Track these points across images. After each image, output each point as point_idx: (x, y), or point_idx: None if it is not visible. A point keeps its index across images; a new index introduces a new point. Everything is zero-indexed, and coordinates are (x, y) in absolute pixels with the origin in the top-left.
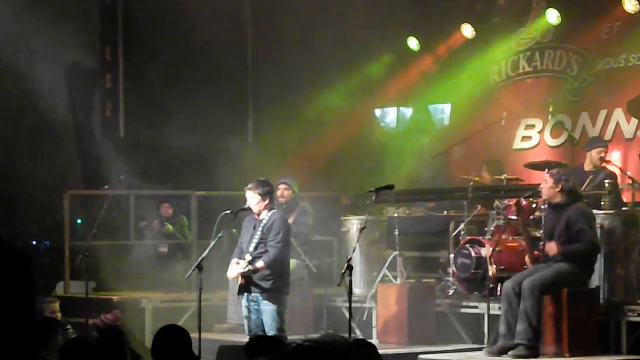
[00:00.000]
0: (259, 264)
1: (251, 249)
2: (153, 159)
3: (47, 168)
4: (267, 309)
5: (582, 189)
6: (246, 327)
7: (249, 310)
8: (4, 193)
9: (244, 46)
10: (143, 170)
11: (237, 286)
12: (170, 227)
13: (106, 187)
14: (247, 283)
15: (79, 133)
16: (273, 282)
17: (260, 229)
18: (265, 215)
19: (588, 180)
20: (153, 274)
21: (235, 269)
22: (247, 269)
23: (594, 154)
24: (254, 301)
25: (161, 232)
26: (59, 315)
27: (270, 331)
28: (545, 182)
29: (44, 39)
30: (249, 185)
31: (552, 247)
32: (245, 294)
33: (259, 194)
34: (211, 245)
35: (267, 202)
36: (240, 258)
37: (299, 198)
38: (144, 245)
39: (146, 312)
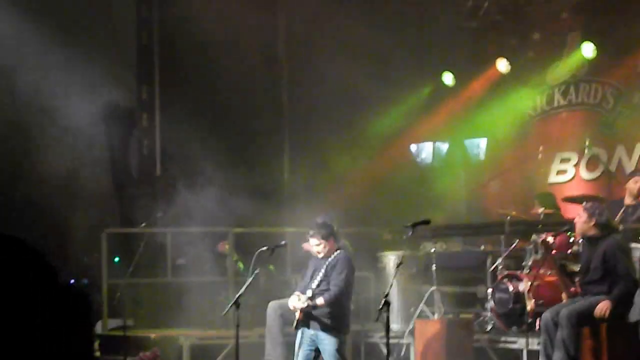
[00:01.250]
0: (320, 301)
1: (314, 285)
2: (189, 196)
3: (85, 207)
4: (328, 348)
5: (618, 221)
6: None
7: (300, 346)
8: (44, 233)
9: (279, 84)
10: (180, 208)
11: (295, 320)
12: (241, 265)
13: (143, 225)
14: (306, 318)
15: (117, 172)
16: (333, 320)
17: (325, 266)
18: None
19: (622, 212)
20: (191, 311)
21: (296, 302)
22: (306, 304)
23: (631, 184)
24: (311, 338)
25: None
26: (99, 354)
27: None
28: (580, 217)
29: (82, 78)
30: (311, 233)
31: (602, 308)
32: (303, 328)
33: (323, 238)
34: (248, 282)
35: (332, 243)
36: (302, 293)
37: (340, 235)
38: (181, 282)
39: (184, 349)
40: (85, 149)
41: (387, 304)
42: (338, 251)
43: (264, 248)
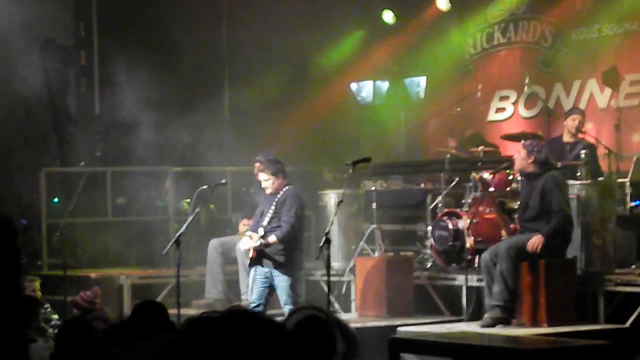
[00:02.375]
0: (272, 238)
1: (265, 223)
2: (128, 135)
3: (22, 147)
4: (282, 285)
5: (561, 160)
6: (249, 297)
7: (254, 282)
8: None
9: (220, 23)
10: (119, 147)
11: (248, 259)
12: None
13: (82, 164)
14: (259, 257)
15: (55, 110)
16: (286, 257)
17: (274, 204)
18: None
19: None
20: (131, 250)
21: (248, 242)
22: (259, 242)
23: (568, 122)
24: (265, 276)
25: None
26: (40, 294)
27: (286, 305)
28: (518, 153)
29: (19, 16)
30: (260, 167)
31: (534, 242)
32: (257, 266)
33: (272, 174)
34: (189, 221)
35: (280, 179)
36: (253, 232)
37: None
38: (122, 222)
39: (124, 289)
40: (22, 87)
41: (327, 241)
42: (287, 187)
43: (204, 187)
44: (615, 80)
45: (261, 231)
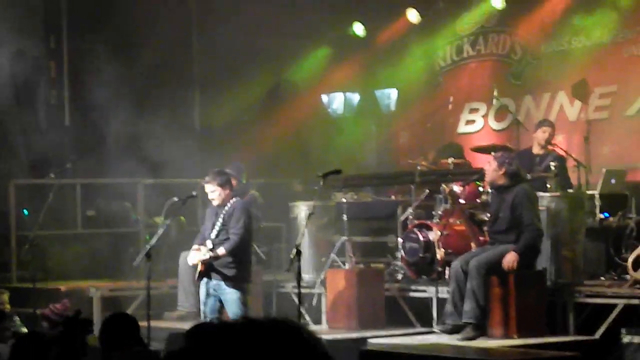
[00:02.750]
0: (220, 250)
1: (213, 236)
2: (98, 146)
3: None
4: (231, 297)
5: (526, 170)
6: (202, 314)
7: (207, 297)
8: None
9: (190, 33)
10: (89, 159)
11: (197, 272)
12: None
13: (52, 175)
14: (208, 270)
15: (24, 122)
16: (235, 270)
17: (222, 216)
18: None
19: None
20: (101, 262)
21: (196, 255)
22: (208, 255)
23: (539, 134)
24: (214, 289)
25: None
26: (9, 307)
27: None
28: (489, 165)
29: None
30: (207, 179)
31: (509, 261)
32: (205, 279)
33: (219, 185)
34: (159, 233)
35: (227, 191)
36: (201, 245)
37: (248, 185)
38: (91, 234)
39: (94, 301)
40: None
41: (298, 253)
42: (234, 199)
43: (175, 199)
44: (585, 92)
45: (209, 244)
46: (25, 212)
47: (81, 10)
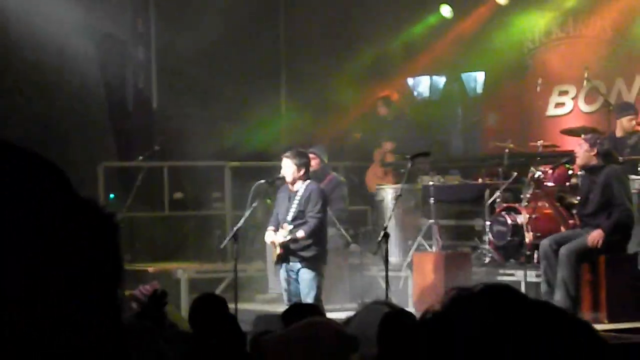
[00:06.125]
0: (300, 233)
1: (289, 219)
2: (186, 129)
3: (80, 143)
4: (306, 277)
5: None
6: (285, 297)
7: (288, 281)
8: None
9: (277, 18)
10: (176, 142)
11: (275, 256)
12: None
13: (140, 158)
14: (286, 253)
15: (112, 106)
16: (313, 251)
17: (297, 199)
18: (300, 187)
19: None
20: (188, 245)
21: (273, 236)
22: (287, 238)
23: (624, 122)
24: (292, 270)
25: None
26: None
27: (307, 300)
28: (581, 147)
29: (75, 12)
30: (287, 154)
31: (594, 237)
32: (284, 264)
33: (296, 164)
34: (246, 215)
35: (302, 172)
36: (276, 227)
37: (328, 167)
38: (178, 216)
39: (182, 283)
40: (80, 83)
41: (386, 235)
42: (308, 181)
43: (262, 181)
44: None
45: (288, 226)
46: (112, 196)
47: None
